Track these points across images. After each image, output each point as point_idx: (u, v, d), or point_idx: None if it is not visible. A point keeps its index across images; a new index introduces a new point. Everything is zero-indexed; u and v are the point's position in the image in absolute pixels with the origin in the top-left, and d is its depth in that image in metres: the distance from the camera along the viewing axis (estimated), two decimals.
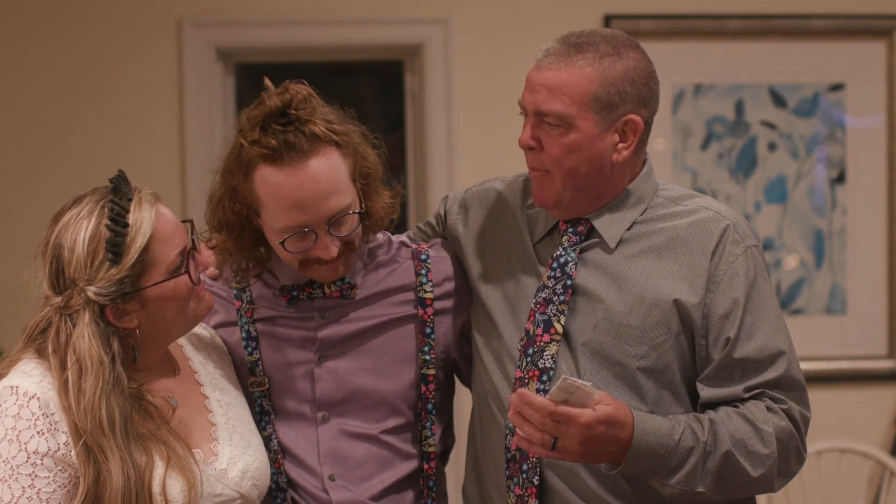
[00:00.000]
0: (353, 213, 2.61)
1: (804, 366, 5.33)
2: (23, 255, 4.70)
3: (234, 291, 2.76)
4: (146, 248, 2.37)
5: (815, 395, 5.18)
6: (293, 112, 2.55)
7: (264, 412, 2.72)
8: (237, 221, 2.67)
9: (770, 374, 2.56)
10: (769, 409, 2.54)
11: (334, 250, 2.61)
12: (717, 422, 2.50)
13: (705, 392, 2.57)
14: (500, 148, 5.01)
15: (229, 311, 2.76)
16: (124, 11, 4.95)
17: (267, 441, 2.68)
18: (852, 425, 5.09)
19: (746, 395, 2.55)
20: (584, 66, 2.56)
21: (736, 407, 2.54)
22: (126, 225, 2.35)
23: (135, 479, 2.29)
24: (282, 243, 2.59)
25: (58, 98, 4.92)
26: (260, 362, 2.73)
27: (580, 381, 2.33)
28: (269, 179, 2.55)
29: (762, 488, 2.56)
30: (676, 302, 2.57)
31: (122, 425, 2.31)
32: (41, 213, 4.42)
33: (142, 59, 4.96)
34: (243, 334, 2.74)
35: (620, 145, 2.61)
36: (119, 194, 2.37)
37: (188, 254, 2.44)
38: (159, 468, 2.34)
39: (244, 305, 2.75)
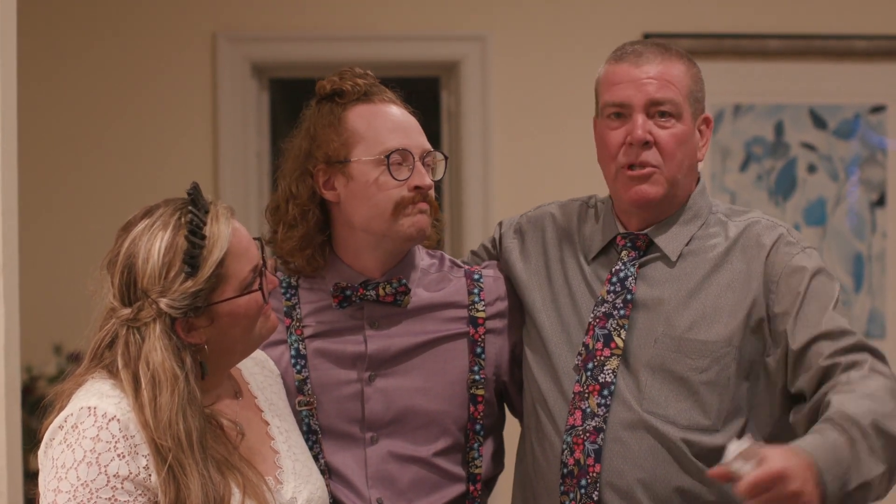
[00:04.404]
0: (438, 157, 2.74)
1: None
2: (57, 261, 4.70)
3: (285, 309, 2.74)
4: (222, 262, 2.31)
5: None
6: (370, 74, 2.77)
7: (311, 431, 2.67)
8: (307, 199, 2.72)
9: (844, 342, 2.50)
10: (859, 375, 2.46)
11: (430, 180, 2.69)
12: (839, 410, 2.37)
13: (797, 387, 2.52)
14: (537, 166, 5.01)
15: (279, 329, 2.71)
16: (159, 26, 4.95)
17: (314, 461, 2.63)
18: None
19: (827, 363, 2.48)
20: (678, 62, 2.68)
21: (833, 387, 2.45)
22: (204, 237, 2.30)
23: (213, 497, 2.23)
24: (388, 167, 2.65)
25: (93, 112, 4.92)
26: (308, 381, 2.69)
27: (732, 446, 2.22)
28: (362, 112, 2.70)
29: None
30: (734, 313, 2.58)
31: (199, 442, 2.25)
32: (73, 224, 4.43)
33: (176, 74, 4.96)
34: (292, 352, 2.71)
35: (700, 143, 2.71)
36: (198, 206, 2.32)
37: (260, 271, 2.40)
38: (236, 495, 2.28)
39: (294, 323, 2.73)
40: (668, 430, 2.55)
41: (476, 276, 2.81)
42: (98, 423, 2.22)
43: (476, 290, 2.79)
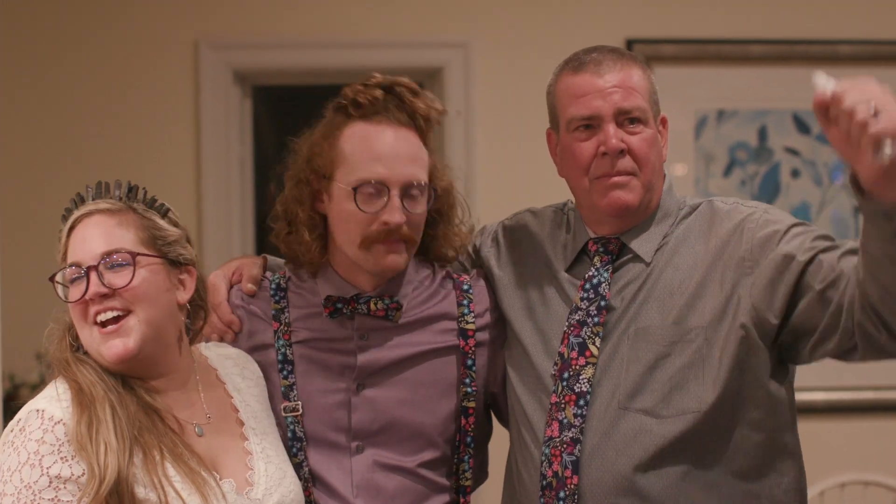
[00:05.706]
0: (427, 189, 2.66)
1: (828, 396, 5.22)
2: (39, 269, 4.68)
3: (273, 312, 2.72)
4: (66, 245, 2.47)
5: (840, 426, 5.13)
6: (398, 88, 2.67)
7: (296, 438, 2.65)
8: (308, 197, 2.70)
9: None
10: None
11: (401, 217, 2.60)
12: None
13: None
14: (520, 171, 4.99)
15: (266, 332, 2.71)
16: (141, 33, 4.92)
17: (297, 468, 2.61)
18: (877, 457, 5.02)
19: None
20: (635, 66, 2.66)
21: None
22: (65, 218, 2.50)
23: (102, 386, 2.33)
24: (355, 198, 2.60)
25: (74, 119, 4.89)
26: (294, 387, 2.67)
27: (819, 79, 2.24)
28: (357, 132, 2.63)
29: None
30: (711, 294, 2.57)
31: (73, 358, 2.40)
32: (54, 231, 4.41)
33: (159, 82, 4.93)
34: (279, 357, 2.69)
35: (662, 143, 2.70)
36: (76, 200, 2.52)
37: (82, 273, 2.40)
38: (174, 476, 2.31)
39: (282, 327, 2.71)
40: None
41: (465, 287, 2.79)
42: (44, 425, 2.27)
43: (466, 302, 2.76)
